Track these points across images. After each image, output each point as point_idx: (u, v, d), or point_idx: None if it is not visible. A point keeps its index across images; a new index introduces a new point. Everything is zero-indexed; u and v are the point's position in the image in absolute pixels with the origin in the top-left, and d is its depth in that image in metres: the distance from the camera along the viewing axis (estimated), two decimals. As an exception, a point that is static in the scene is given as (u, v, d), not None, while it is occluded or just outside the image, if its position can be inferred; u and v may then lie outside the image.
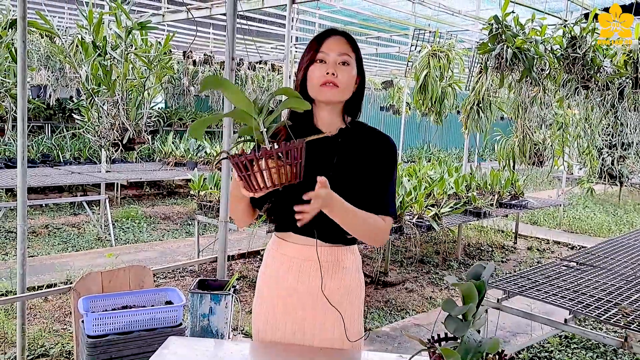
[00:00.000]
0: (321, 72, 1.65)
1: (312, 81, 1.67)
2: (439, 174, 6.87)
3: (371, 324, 4.44)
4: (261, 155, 1.41)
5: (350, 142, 1.73)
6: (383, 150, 1.73)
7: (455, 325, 1.31)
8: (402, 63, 9.71)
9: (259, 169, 1.42)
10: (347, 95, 1.70)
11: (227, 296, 3.02)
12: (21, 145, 2.88)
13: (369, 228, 1.67)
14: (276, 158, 1.41)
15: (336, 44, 1.67)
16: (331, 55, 1.66)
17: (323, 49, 1.66)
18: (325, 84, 1.65)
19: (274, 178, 1.43)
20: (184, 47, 9.78)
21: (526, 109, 4.66)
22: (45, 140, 9.52)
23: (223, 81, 1.48)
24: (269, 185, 1.44)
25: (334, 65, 1.65)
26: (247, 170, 1.43)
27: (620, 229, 8.63)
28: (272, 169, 1.42)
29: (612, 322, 2.96)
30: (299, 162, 1.45)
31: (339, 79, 1.65)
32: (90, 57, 3.61)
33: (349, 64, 1.67)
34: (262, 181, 1.43)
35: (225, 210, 3.59)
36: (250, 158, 1.41)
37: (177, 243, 6.60)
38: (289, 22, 4.99)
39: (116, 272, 3.08)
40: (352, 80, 1.69)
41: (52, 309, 4.36)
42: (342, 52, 1.66)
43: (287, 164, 1.42)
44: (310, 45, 1.69)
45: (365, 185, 1.70)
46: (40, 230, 6.73)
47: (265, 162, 1.41)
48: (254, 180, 1.44)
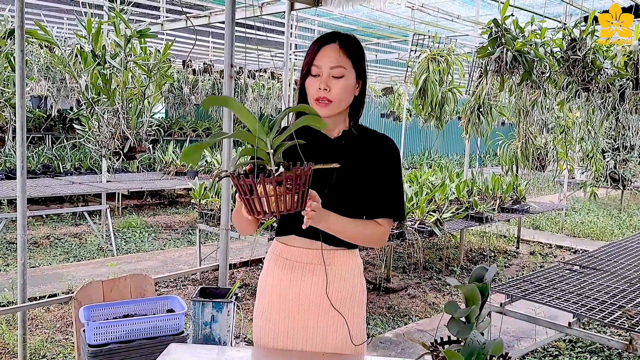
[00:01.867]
0: (315, 87, 1.64)
1: (309, 95, 1.67)
2: (440, 179, 6.86)
3: (374, 330, 4.41)
4: (260, 182, 1.34)
5: (353, 145, 1.72)
6: (385, 152, 1.73)
7: (458, 327, 1.30)
8: (401, 69, 9.73)
9: (261, 194, 1.35)
10: (342, 107, 1.68)
11: (229, 304, 3.00)
12: (20, 156, 2.87)
13: (366, 236, 1.69)
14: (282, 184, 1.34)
15: (329, 55, 1.63)
16: (324, 68, 1.63)
17: (316, 62, 1.64)
18: (318, 100, 1.63)
19: (279, 205, 1.36)
20: (183, 56, 9.80)
21: (527, 113, 4.65)
22: (45, 151, 9.53)
23: (226, 99, 1.42)
24: (272, 211, 1.36)
25: (327, 79, 1.62)
26: (248, 194, 1.37)
27: (623, 232, 8.60)
28: (273, 197, 1.34)
29: (616, 324, 2.93)
30: (304, 191, 1.39)
31: (331, 93, 1.62)
32: (90, 66, 3.61)
33: (343, 76, 1.63)
34: (266, 207, 1.36)
35: (226, 219, 3.58)
36: (249, 183, 1.35)
37: (178, 252, 6.58)
38: (288, 29, 5.01)
39: (117, 281, 3.07)
40: (348, 90, 1.66)
41: (53, 319, 4.34)
42: (334, 64, 1.62)
43: (289, 192, 1.35)
44: (307, 56, 1.67)
45: (367, 187, 1.69)
46: (41, 241, 6.72)
47: (270, 187, 1.33)
48: (257, 203, 1.37)
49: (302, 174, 1.36)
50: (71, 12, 5.31)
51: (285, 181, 1.34)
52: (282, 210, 1.37)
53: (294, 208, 1.38)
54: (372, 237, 1.70)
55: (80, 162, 9.37)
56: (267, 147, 1.38)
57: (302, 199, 1.39)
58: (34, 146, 9.97)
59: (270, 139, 1.38)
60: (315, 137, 1.69)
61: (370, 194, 1.69)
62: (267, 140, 1.37)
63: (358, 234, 1.67)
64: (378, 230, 1.70)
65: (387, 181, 1.71)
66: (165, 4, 6.27)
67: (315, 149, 1.67)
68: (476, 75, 5.20)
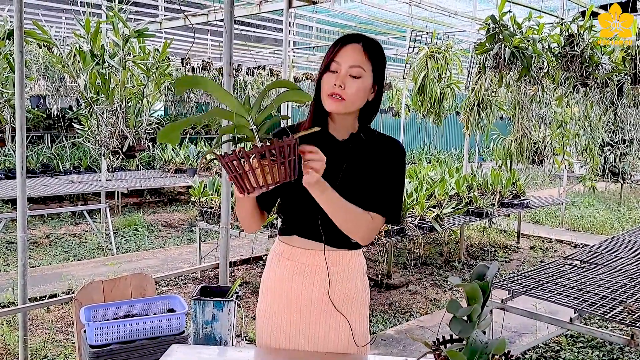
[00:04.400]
0: (330, 82, 1.63)
1: (323, 89, 1.65)
2: (440, 174, 6.86)
3: (375, 327, 4.42)
4: (245, 154, 1.35)
5: (360, 148, 1.71)
6: (392, 155, 1.72)
7: (460, 326, 1.30)
8: (400, 65, 9.70)
9: (250, 168, 1.36)
10: (354, 107, 1.67)
11: (230, 302, 3.00)
12: (20, 156, 2.87)
13: (356, 224, 1.64)
14: (268, 156, 1.35)
15: (350, 54, 1.63)
16: (343, 66, 1.62)
17: (337, 59, 1.63)
18: (332, 95, 1.62)
19: (266, 177, 1.36)
20: (182, 54, 9.78)
21: (524, 108, 4.65)
22: (45, 150, 9.52)
23: (199, 79, 1.39)
24: (261, 184, 1.38)
25: (344, 77, 1.62)
26: (237, 170, 1.37)
27: (623, 226, 8.61)
28: (264, 168, 1.35)
29: (617, 320, 2.94)
30: (292, 160, 1.39)
31: (346, 91, 1.61)
32: (89, 66, 3.61)
33: (361, 77, 1.63)
34: (254, 181, 1.38)
35: (226, 216, 3.58)
36: (234, 158, 1.35)
37: (178, 250, 6.59)
38: (286, 26, 4.99)
39: (118, 281, 3.07)
40: (362, 92, 1.65)
41: (54, 320, 4.34)
42: (354, 64, 1.62)
43: (279, 162, 1.36)
44: (328, 51, 1.66)
45: (370, 188, 1.68)
46: (41, 241, 6.72)
47: (255, 161, 1.35)
48: (246, 180, 1.38)
49: (285, 144, 1.36)
50: (70, 12, 5.30)
51: (269, 153, 1.35)
52: (270, 183, 1.37)
53: (283, 179, 1.38)
54: (361, 227, 1.64)
55: (80, 161, 9.36)
56: (249, 123, 1.38)
57: (292, 169, 1.39)
58: (33, 145, 9.96)
59: (253, 116, 1.38)
60: (322, 138, 1.68)
61: (370, 191, 1.68)
62: (248, 117, 1.38)
63: (350, 218, 1.62)
64: (369, 223, 1.65)
65: (388, 181, 1.70)
66: (163, 2, 6.26)
67: (321, 149, 1.67)
68: (475, 71, 5.20)
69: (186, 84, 1.39)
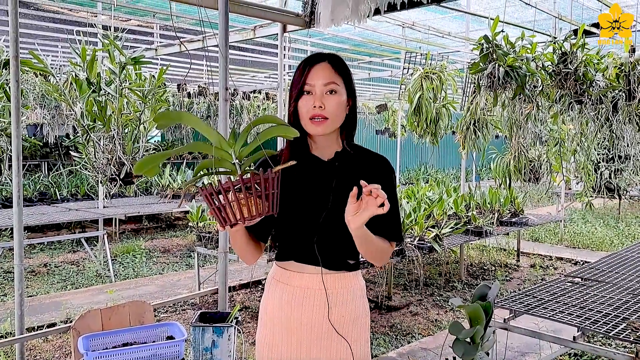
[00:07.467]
0: (309, 105, 1.62)
1: (301, 114, 1.65)
2: (438, 194, 6.86)
3: (377, 350, 4.37)
4: (221, 187, 1.34)
5: (347, 165, 1.71)
6: (381, 171, 1.72)
7: (463, 348, 1.28)
8: (395, 86, 9.79)
9: (227, 201, 1.35)
10: (337, 123, 1.67)
11: (229, 328, 2.97)
12: (16, 185, 2.86)
13: (383, 250, 1.66)
14: (244, 190, 1.34)
15: (321, 73, 1.64)
16: (317, 86, 1.62)
17: (309, 81, 1.63)
18: (313, 117, 1.62)
19: (243, 211, 1.35)
20: (178, 79, 9.85)
21: (520, 126, 4.68)
22: (42, 178, 9.51)
23: (181, 114, 1.38)
24: (238, 218, 1.36)
25: (321, 96, 1.62)
26: (215, 203, 1.36)
27: (622, 242, 8.59)
28: (241, 201, 1.34)
29: (621, 337, 2.91)
30: (272, 193, 1.37)
31: (327, 110, 1.62)
32: (85, 94, 3.62)
33: (337, 92, 1.64)
34: (231, 215, 1.36)
35: (224, 241, 3.56)
36: (211, 191, 1.34)
37: (177, 276, 6.54)
38: (281, 50, 5.04)
39: (116, 309, 3.04)
40: (342, 107, 1.66)
41: (52, 349, 4.29)
42: (328, 80, 1.63)
43: (255, 195, 1.34)
44: (296, 77, 1.66)
45: None
46: (39, 269, 6.67)
47: (233, 195, 1.34)
48: (224, 214, 1.37)
49: (266, 176, 1.35)
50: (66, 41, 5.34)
51: (245, 187, 1.34)
52: (248, 217, 1.36)
53: (266, 212, 1.37)
54: (384, 253, 1.67)
55: (77, 189, 9.34)
56: (232, 157, 1.38)
57: (271, 203, 1.38)
58: (30, 174, 9.95)
59: (237, 151, 1.37)
60: (306, 161, 1.68)
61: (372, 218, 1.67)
62: (231, 151, 1.37)
63: (378, 246, 1.64)
64: (387, 247, 1.69)
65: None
66: (158, 29, 6.31)
67: (308, 172, 1.67)
68: (470, 91, 5.24)
69: (167, 119, 1.38)
